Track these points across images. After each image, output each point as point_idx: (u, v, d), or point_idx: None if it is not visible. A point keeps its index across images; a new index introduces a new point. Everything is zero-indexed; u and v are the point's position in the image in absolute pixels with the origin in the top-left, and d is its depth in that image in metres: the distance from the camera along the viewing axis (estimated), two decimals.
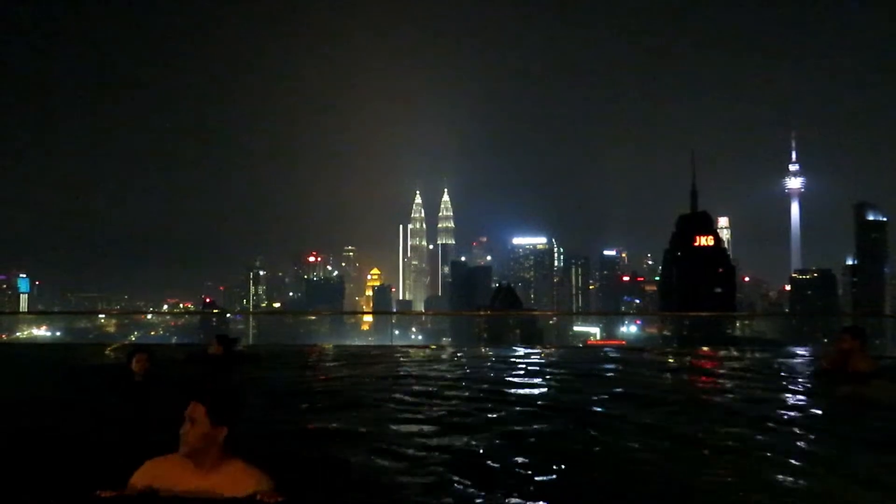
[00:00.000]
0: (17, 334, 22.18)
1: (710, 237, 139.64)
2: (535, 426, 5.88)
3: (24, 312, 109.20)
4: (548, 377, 9.57)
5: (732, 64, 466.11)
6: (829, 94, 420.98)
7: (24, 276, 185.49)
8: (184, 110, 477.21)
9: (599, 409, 6.72)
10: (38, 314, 76.71)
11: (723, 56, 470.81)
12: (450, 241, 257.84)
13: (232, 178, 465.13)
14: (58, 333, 22.73)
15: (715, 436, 5.52)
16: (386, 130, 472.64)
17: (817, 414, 6.83)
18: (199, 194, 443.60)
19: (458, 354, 12.72)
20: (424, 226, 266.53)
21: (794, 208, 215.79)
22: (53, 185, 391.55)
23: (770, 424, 5.91)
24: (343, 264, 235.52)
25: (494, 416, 6.31)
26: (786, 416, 6.41)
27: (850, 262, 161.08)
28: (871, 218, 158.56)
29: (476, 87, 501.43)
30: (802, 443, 5.36)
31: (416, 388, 7.99)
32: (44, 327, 25.36)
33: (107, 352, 12.54)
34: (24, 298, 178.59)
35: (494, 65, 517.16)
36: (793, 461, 4.67)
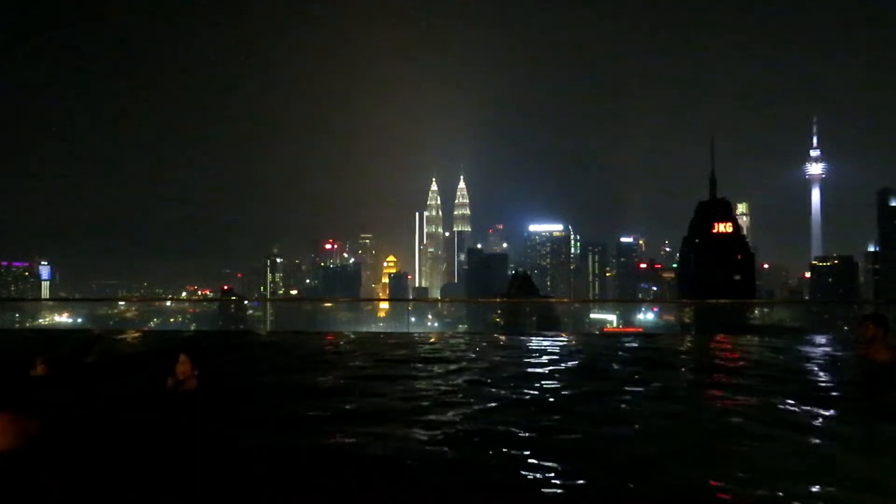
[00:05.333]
0: (40, 321, 22.47)
1: (729, 224, 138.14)
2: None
3: (45, 299, 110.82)
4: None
5: (753, 49, 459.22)
6: (852, 79, 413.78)
7: (46, 263, 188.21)
8: (202, 101, 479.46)
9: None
10: (60, 301, 77.76)
11: (743, 41, 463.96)
12: (466, 229, 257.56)
13: (249, 167, 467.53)
14: (79, 320, 22.95)
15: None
16: (403, 118, 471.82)
17: (835, 405, 6.73)
18: (217, 183, 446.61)
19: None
20: (441, 213, 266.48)
21: (815, 194, 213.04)
22: (74, 175, 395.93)
23: (784, 417, 5.86)
24: (359, 252, 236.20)
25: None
26: (804, 407, 6.33)
27: (871, 248, 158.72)
28: (893, 204, 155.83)
29: (493, 75, 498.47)
30: (815, 440, 5.28)
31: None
32: (65, 314, 25.68)
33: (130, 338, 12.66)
34: (45, 286, 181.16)
35: (511, 52, 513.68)
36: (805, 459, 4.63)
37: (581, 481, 4.08)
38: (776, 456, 4.55)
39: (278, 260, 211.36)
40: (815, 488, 3.95)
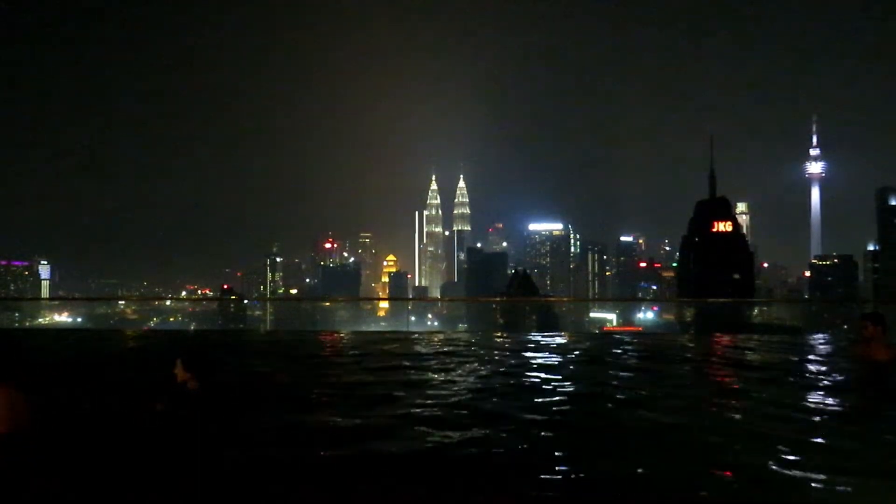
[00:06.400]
0: (40, 320, 22.49)
1: (729, 223, 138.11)
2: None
3: (45, 298, 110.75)
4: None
5: (753, 47, 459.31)
6: (851, 78, 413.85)
7: (46, 262, 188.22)
8: (202, 100, 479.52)
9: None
10: (60, 300, 77.77)
11: (743, 39, 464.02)
12: (466, 228, 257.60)
13: (249, 166, 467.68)
14: (79, 319, 22.97)
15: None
16: (403, 117, 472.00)
17: (833, 405, 6.74)
18: (217, 182, 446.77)
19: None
20: (440, 212, 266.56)
21: (815, 193, 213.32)
22: (74, 175, 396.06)
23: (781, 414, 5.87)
24: (359, 251, 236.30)
25: None
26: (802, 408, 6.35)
27: (871, 247, 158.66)
28: (893, 203, 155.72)
29: (492, 73, 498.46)
30: (816, 439, 5.29)
31: None
32: (65, 313, 25.68)
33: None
34: (45, 285, 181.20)
35: (511, 51, 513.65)
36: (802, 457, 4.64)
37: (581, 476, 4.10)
38: (769, 455, 4.56)
39: (278, 259, 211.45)
40: (814, 486, 3.97)
